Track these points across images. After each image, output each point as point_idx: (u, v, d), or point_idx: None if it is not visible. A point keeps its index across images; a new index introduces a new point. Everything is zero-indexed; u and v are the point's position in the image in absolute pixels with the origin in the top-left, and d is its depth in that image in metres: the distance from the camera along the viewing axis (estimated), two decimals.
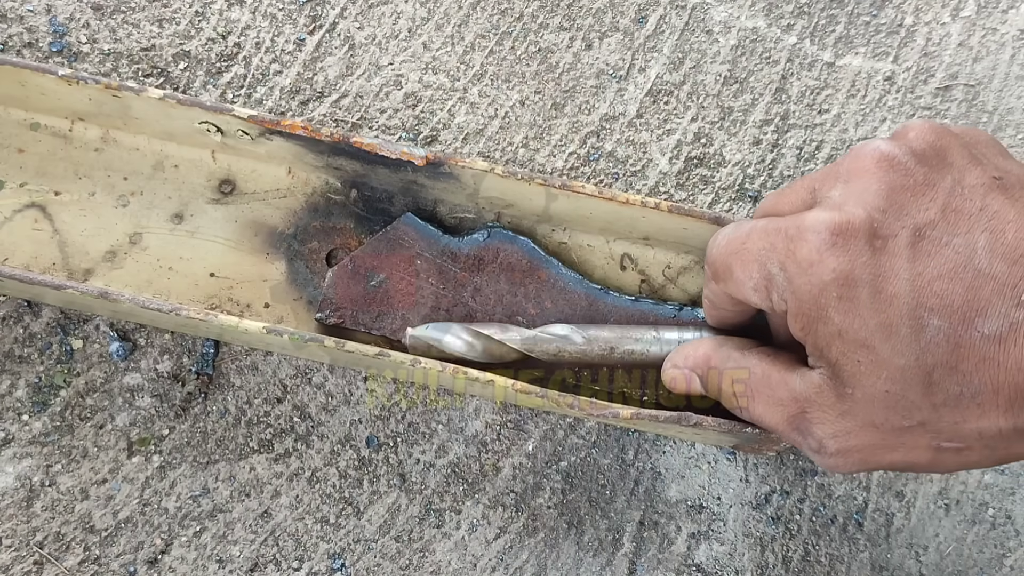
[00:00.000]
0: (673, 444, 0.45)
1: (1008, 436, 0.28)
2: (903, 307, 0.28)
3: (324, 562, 0.43)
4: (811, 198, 0.32)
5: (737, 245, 0.32)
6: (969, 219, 0.28)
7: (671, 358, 0.38)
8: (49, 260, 0.43)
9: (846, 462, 0.31)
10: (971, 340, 0.27)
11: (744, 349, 0.35)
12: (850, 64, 0.50)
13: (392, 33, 0.49)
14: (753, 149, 0.49)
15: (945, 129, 0.31)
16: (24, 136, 0.44)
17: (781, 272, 0.31)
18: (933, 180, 0.29)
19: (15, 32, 0.47)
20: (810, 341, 0.31)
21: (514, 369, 0.42)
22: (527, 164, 0.48)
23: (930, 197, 0.29)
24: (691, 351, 0.37)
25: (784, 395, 0.32)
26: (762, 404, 0.33)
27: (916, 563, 0.44)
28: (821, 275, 0.29)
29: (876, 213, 0.29)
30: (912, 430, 0.29)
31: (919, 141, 0.30)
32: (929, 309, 0.28)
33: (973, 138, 0.32)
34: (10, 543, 0.42)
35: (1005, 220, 0.28)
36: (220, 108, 0.40)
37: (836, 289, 0.29)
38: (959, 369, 0.28)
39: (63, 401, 0.43)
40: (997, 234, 0.28)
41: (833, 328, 0.29)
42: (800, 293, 0.30)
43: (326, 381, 0.44)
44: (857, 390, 0.30)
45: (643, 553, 0.44)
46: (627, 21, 0.50)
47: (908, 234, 0.29)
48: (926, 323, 0.28)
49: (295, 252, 0.44)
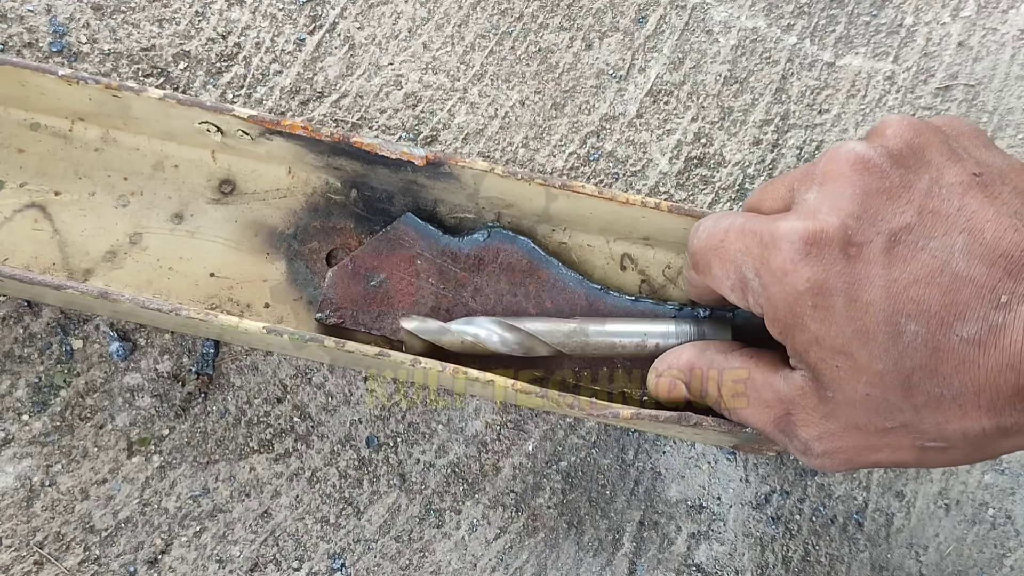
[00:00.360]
0: (673, 444, 0.45)
1: (992, 435, 0.28)
2: (879, 314, 0.28)
3: (324, 562, 0.43)
4: (790, 196, 0.31)
5: (716, 241, 0.32)
6: (946, 220, 0.28)
7: (654, 366, 0.38)
8: (49, 260, 0.43)
9: (833, 462, 0.31)
10: (950, 344, 0.27)
11: (727, 352, 0.35)
12: (850, 64, 0.50)
13: (392, 33, 0.49)
14: (753, 149, 0.49)
15: (923, 125, 0.30)
16: (24, 136, 0.44)
17: (756, 278, 0.30)
18: (909, 181, 0.29)
19: (15, 32, 0.47)
20: (789, 345, 0.31)
21: (514, 369, 0.42)
22: (527, 164, 0.48)
23: (906, 200, 0.29)
24: (674, 358, 0.37)
25: (769, 396, 0.32)
26: (749, 406, 0.33)
27: (916, 563, 0.44)
28: (795, 284, 0.29)
29: (850, 220, 0.28)
30: (895, 431, 0.29)
31: (895, 140, 0.30)
32: (906, 315, 0.27)
33: (954, 130, 0.31)
34: (10, 543, 0.42)
35: (983, 220, 0.28)
36: (220, 108, 0.40)
37: (811, 298, 0.29)
38: (938, 372, 0.27)
39: (63, 401, 0.43)
40: (975, 234, 0.27)
41: (810, 335, 0.29)
42: (775, 301, 0.30)
43: (326, 381, 0.44)
44: (838, 393, 0.29)
45: (643, 553, 0.44)
46: (627, 21, 0.50)
47: (883, 240, 0.28)
48: (903, 328, 0.27)
49: (295, 252, 0.44)
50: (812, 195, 0.30)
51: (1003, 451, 0.29)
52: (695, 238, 0.34)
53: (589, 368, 0.42)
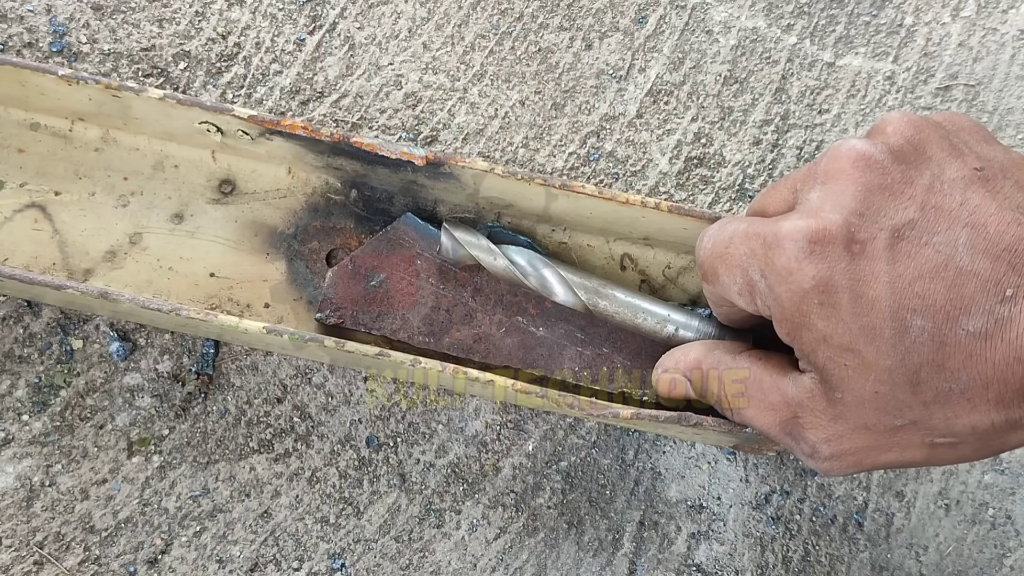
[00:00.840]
0: (673, 444, 0.45)
1: (1001, 428, 0.28)
2: (885, 310, 0.28)
3: (324, 562, 0.43)
4: (793, 198, 0.31)
5: (721, 248, 0.32)
6: (949, 215, 0.28)
7: (660, 362, 0.38)
8: (49, 260, 0.43)
9: (840, 465, 0.31)
10: (956, 338, 0.27)
11: (735, 352, 0.35)
12: (850, 64, 0.50)
13: (392, 33, 0.49)
14: (753, 149, 0.49)
15: (924, 121, 0.30)
16: (24, 136, 0.44)
17: (762, 279, 0.30)
18: (911, 177, 0.29)
19: (15, 32, 0.47)
20: (796, 346, 0.31)
21: (514, 369, 0.42)
22: (527, 164, 0.48)
23: (908, 195, 0.29)
24: (681, 355, 0.37)
25: (776, 399, 0.32)
26: (754, 408, 0.33)
27: (916, 563, 0.44)
28: (801, 283, 0.29)
29: (853, 217, 0.29)
30: (905, 429, 0.29)
31: (896, 136, 0.30)
32: (911, 310, 0.27)
33: (955, 125, 0.31)
34: (10, 543, 0.42)
35: (986, 214, 0.28)
36: (220, 108, 0.40)
37: (816, 296, 0.29)
38: (946, 367, 0.27)
39: (63, 401, 0.43)
40: (978, 229, 0.27)
41: (817, 334, 0.29)
42: (782, 300, 0.30)
43: (326, 381, 0.44)
44: (847, 394, 0.29)
45: (643, 553, 0.44)
46: (627, 21, 0.50)
47: (886, 236, 0.28)
48: (909, 324, 0.28)
49: (295, 252, 0.44)
50: (815, 194, 0.30)
51: (1012, 445, 0.29)
52: (701, 249, 0.34)
53: (589, 368, 0.42)
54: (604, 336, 0.42)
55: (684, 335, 0.40)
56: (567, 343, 0.42)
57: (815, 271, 0.29)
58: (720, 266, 0.32)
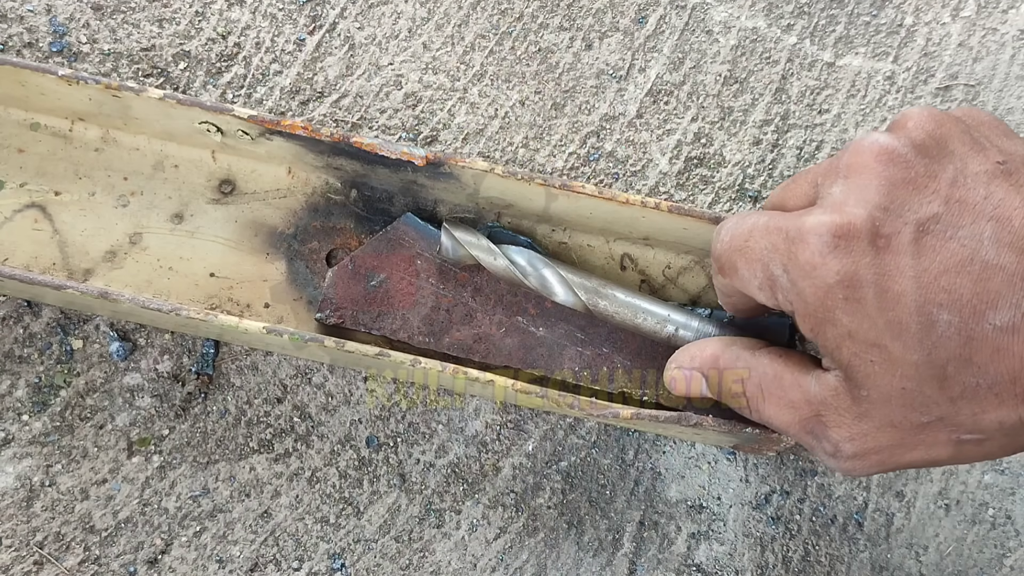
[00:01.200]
0: (673, 444, 0.45)
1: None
2: (911, 304, 0.28)
3: (324, 562, 0.43)
4: (814, 192, 0.31)
5: (740, 242, 0.32)
6: (974, 209, 0.28)
7: (674, 358, 0.37)
8: (49, 260, 0.43)
9: (863, 464, 0.31)
10: (983, 332, 0.27)
11: (754, 349, 0.34)
12: (850, 64, 0.50)
13: (392, 33, 0.49)
14: (753, 149, 0.49)
15: (944, 115, 0.30)
16: (24, 136, 0.44)
17: (784, 274, 0.30)
18: (934, 171, 0.29)
19: (15, 32, 0.47)
20: (820, 343, 0.30)
21: (514, 369, 0.42)
22: (527, 164, 0.48)
23: (932, 189, 0.28)
24: (697, 351, 0.36)
25: (797, 398, 0.32)
26: (773, 406, 0.33)
27: (916, 563, 0.44)
28: (825, 278, 0.29)
29: (877, 211, 0.28)
30: (931, 425, 0.29)
31: (918, 131, 0.30)
32: (938, 304, 0.27)
33: (975, 120, 0.31)
34: (10, 543, 0.42)
35: (1011, 207, 0.28)
36: (220, 108, 0.40)
37: (841, 291, 0.29)
38: (973, 361, 0.27)
39: (63, 401, 0.43)
40: (1003, 222, 0.27)
41: (842, 330, 0.29)
42: (805, 296, 0.29)
43: (326, 381, 0.44)
44: (873, 391, 0.29)
45: (643, 553, 0.44)
46: (627, 21, 0.50)
47: (911, 230, 0.28)
48: (936, 318, 0.27)
49: (295, 252, 0.44)
50: (837, 188, 0.30)
51: None
52: (718, 241, 0.33)
53: (589, 368, 0.42)
54: (604, 336, 0.42)
55: (684, 335, 0.39)
56: (567, 343, 0.42)
57: (840, 266, 0.28)
58: (739, 260, 0.32)
